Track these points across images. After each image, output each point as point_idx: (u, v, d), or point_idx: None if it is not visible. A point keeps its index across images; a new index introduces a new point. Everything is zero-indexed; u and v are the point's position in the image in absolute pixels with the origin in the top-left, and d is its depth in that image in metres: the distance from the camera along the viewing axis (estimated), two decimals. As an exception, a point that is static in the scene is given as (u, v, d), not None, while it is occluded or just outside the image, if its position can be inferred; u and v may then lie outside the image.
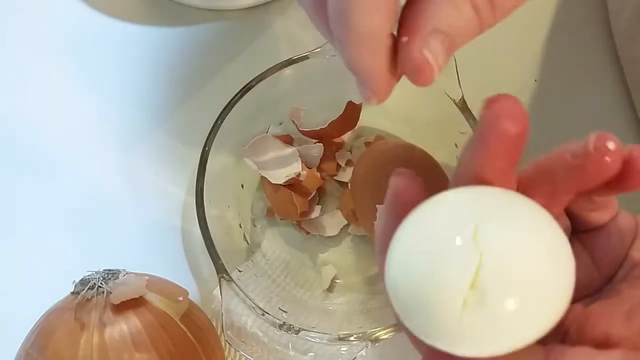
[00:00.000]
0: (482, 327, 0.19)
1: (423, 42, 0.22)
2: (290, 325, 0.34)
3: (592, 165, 0.19)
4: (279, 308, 0.37)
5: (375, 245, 0.23)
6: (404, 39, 0.22)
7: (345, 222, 0.42)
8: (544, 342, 0.20)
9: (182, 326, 0.34)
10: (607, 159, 0.19)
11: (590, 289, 0.23)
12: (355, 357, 0.34)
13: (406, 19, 0.22)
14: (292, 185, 0.40)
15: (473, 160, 0.21)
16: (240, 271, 0.38)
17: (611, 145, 0.19)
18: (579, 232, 0.24)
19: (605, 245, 0.23)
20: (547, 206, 0.20)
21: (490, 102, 0.20)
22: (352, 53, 0.22)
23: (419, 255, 0.20)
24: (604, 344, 0.20)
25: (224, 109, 0.39)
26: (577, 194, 0.21)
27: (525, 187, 0.21)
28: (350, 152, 0.44)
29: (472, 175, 0.21)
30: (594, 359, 0.20)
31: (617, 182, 0.20)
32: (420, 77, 0.22)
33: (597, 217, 0.23)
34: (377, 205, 0.37)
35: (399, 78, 0.24)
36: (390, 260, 0.21)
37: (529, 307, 0.19)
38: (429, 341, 0.20)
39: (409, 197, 0.22)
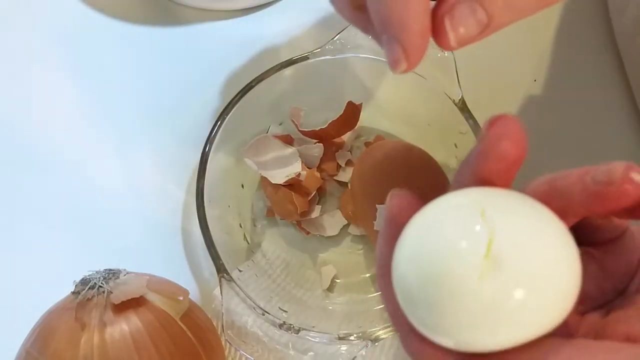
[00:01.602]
0: (495, 304, 0.18)
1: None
2: (291, 324, 0.34)
3: (613, 194, 0.19)
4: (279, 308, 0.37)
5: (376, 269, 0.23)
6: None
7: (345, 222, 0.42)
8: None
9: (182, 326, 0.34)
10: (630, 189, 0.19)
11: (601, 300, 0.23)
12: (355, 357, 0.34)
13: None
14: (292, 185, 0.40)
15: (470, 176, 0.21)
16: (240, 271, 0.38)
17: (637, 177, 0.19)
18: (587, 244, 0.23)
19: (616, 258, 0.23)
20: None
21: (493, 122, 0.20)
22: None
23: (427, 244, 0.20)
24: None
25: (224, 109, 0.39)
26: (587, 215, 0.21)
27: None
28: (350, 152, 0.44)
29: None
30: (619, 350, 0.19)
31: (637, 209, 0.20)
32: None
33: (608, 232, 0.23)
34: (377, 205, 0.37)
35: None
36: (396, 260, 0.21)
37: (536, 296, 0.19)
38: (436, 335, 0.20)
39: (406, 219, 0.21)
